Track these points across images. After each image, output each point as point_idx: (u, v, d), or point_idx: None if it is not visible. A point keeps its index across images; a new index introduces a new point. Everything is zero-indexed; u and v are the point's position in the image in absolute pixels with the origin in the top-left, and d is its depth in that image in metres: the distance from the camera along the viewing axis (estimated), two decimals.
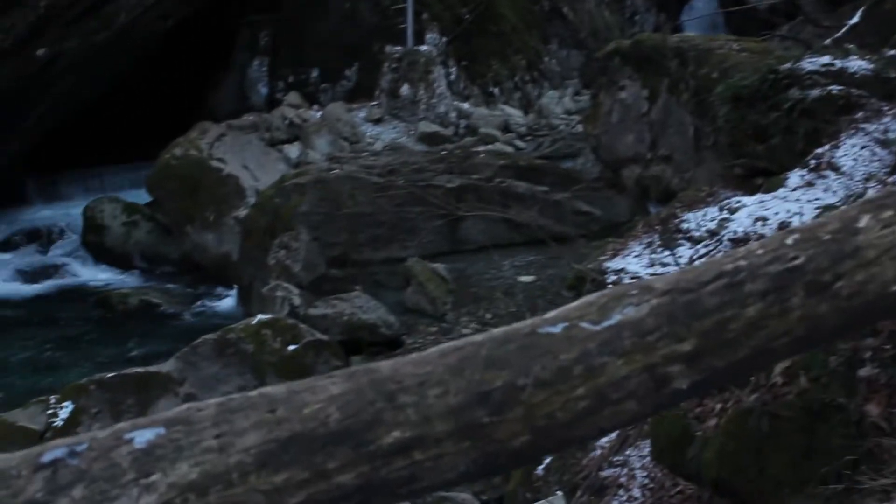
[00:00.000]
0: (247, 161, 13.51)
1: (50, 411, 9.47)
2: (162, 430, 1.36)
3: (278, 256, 11.28)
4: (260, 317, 10.02)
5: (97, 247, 13.42)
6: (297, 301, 10.46)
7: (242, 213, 12.47)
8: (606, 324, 1.50)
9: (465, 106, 16.40)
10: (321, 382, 1.43)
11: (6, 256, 13.47)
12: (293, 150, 14.29)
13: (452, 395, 1.43)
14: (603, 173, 12.99)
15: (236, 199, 12.90)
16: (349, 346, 9.92)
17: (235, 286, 12.16)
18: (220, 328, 9.98)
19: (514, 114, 16.62)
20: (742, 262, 1.60)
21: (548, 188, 12.21)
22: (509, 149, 14.83)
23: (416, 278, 10.80)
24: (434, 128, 15.33)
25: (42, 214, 14.33)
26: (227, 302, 12.14)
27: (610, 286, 8.40)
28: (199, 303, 12.24)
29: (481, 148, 13.94)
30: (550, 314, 1.55)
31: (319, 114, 15.34)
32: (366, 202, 11.49)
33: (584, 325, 1.50)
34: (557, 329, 1.50)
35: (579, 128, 14.66)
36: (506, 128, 16.06)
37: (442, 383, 1.44)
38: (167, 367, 9.60)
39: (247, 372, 9.54)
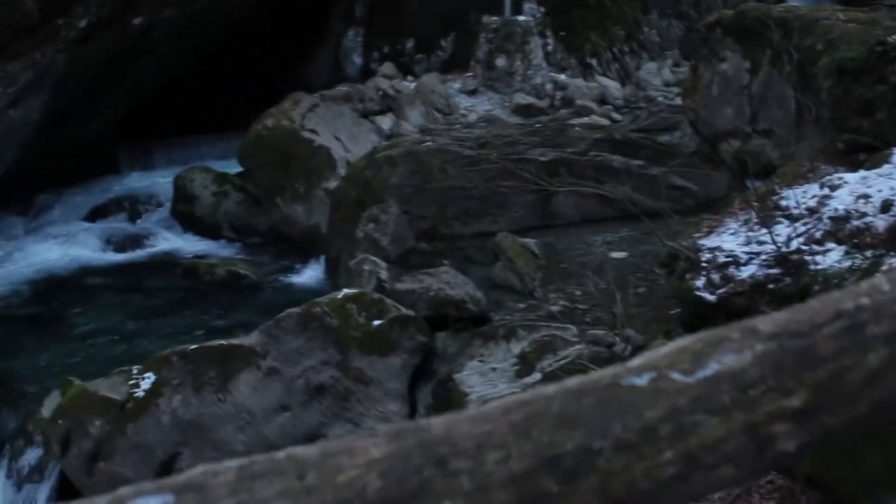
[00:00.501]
0: (339, 132, 13.36)
1: (132, 382, 9.44)
2: (170, 499, 1.15)
3: (367, 229, 11.13)
4: (345, 291, 9.88)
5: (187, 216, 13.39)
6: (384, 275, 10.29)
7: (333, 184, 12.34)
8: (701, 374, 1.26)
9: (562, 77, 16.11)
10: (360, 443, 1.21)
11: (97, 224, 13.50)
12: (386, 122, 14.11)
13: (515, 460, 1.20)
14: (700, 147, 12.69)
15: (327, 171, 12.77)
16: (435, 322, 9.73)
17: (323, 258, 12.05)
18: (307, 301, 9.87)
19: (612, 85, 16.29)
20: (864, 301, 1.35)
21: (643, 162, 11.94)
22: (605, 121, 14.52)
23: (505, 253, 10.58)
24: (529, 99, 15.08)
25: (133, 183, 14.33)
26: (315, 274, 12.04)
27: (703, 269, 8.05)
28: (286, 274, 12.15)
29: (576, 120, 13.68)
30: (635, 362, 1.31)
31: (413, 85, 15.14)
32: (457, 175, 11.30)
33: (675, 375, 1.26)
34: (643, 381, 1.26)
35: (678, 100, 14.32)
36: (602, 100, 15.74)
37: (503, 446, 1.21)
38: (250, 340, 9.51)
39: (330, 346, 9.42)
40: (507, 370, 9.09)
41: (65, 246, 13.05)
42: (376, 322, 9.56)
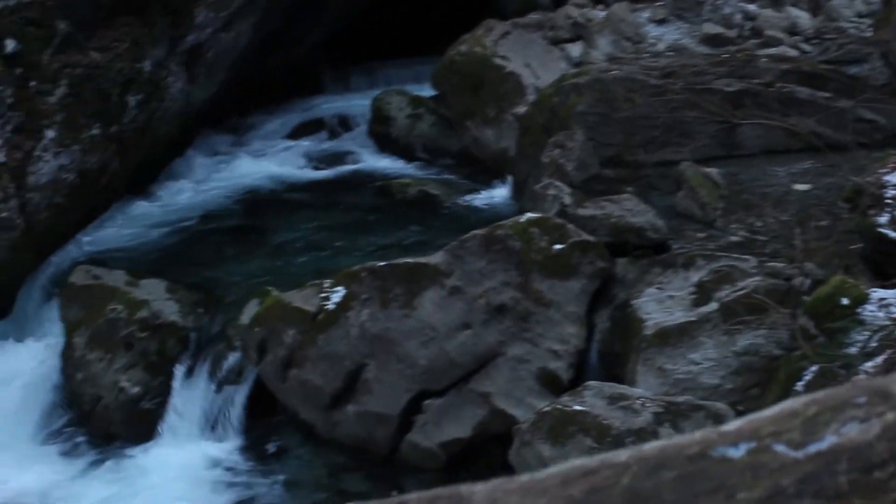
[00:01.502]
0: (529, 59, 13.02)
1: (323, 295, 9.40)
2: None
3: (552, 155, 10.81)
4: (528, 215, 9.63)
5: (382, 137, 13.27)
6: (567, 200, 9.99)
7: (521, 110, 12.05)
8: (813, 448, 0.91)
9: (752, 7, 15.37)
10: None
11: (299, 143, 13.50)
12: (575, 50, 13.68)
13: None
14: (891, 80, 11.94)
15: (516, 97, 12.47)
16: (615, 248, 9.42)
17: (510, 182, 11.80)
18: (492, 223, 9.67)
19: (802, 16, 15.48)
20: None
21: (831, 94, 11.29)
22: (794, 52, 13.80)
23: (687, 182, 10.15)
24: (718, 29, 14.43)
25: (334, 104, 14.27)
26: (501, 197, 11.81)
27: (886, 204, 7.55)
28: (473, 196, 11.95)
29: (764, 51, 13.03)
30: (731, 426, 0.96)
31: (603, 13, 14.64)
32: (642, 104, 10.86)
33: (780, 448, 0.92)
34: (739, 452, 0.92)
35: (869, 32, 13.50)
36: (792, 30, 14.98)
37: None
38: (436, 259, 9.35)
39: (512, 269, 9.19)
40: (684, 299, 8.74)
41: (269, 163, 13.10)
42: (557, 246, 9.29)
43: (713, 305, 8.48)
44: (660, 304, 8.78)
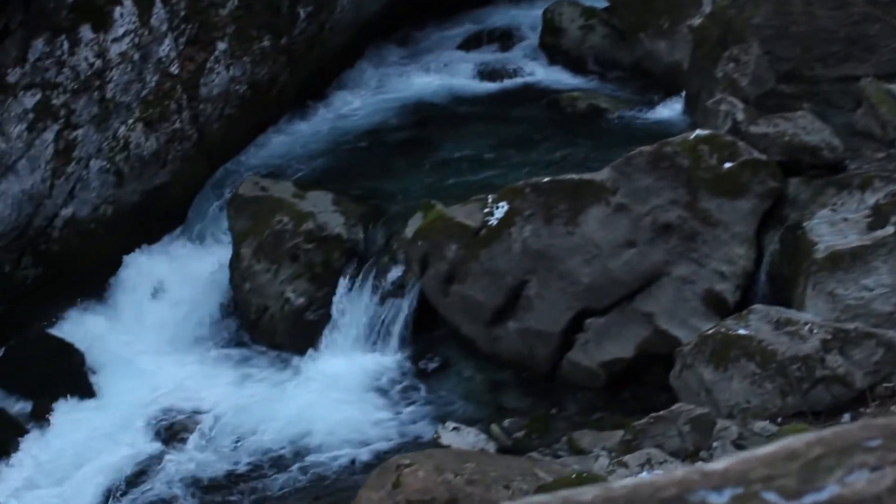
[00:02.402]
0: None
1: (486, 210, 9.34)
2: None
3: (727, 69, 10.46)
4: (698, 131, 9.35)
5: (553, 49, 13.00)
6: (740, 116, 9.65)
7: (696, 22, 11.66)
8: (810, 499, 0.76)
9: None
10: None
11: (469, 54, 13.34)
12: None
13: None
14: None
15: (691, 8, 12.05)
16: (788, 167, 9.08)
17: (682, 96, 11.46)
18: (663, 138, 9.43)
19: None
20: None
21: None
22: None
23: (867, 100, 9.68)
24: None
25: (504, 16, 14.03)
26: (673, 111, 11.48)
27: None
28: (644, 110, 11.64)
29: None
30: (717, 465, 0.81)
31: None
32: (823, 16, 10.40)
33: (770, 496, 0.76)
34: (721, 498, 0.77)
35: None
36: None
37: None
38: (601, 175, 9.18)
39: (679, 186, 8.96)
40: (859, 221, 8.39)
41: (438, 75, 12.99)
42: (727, 164, 9.02)
43: (889, 229, 8.13)
44: (833, 226, 8.46)
